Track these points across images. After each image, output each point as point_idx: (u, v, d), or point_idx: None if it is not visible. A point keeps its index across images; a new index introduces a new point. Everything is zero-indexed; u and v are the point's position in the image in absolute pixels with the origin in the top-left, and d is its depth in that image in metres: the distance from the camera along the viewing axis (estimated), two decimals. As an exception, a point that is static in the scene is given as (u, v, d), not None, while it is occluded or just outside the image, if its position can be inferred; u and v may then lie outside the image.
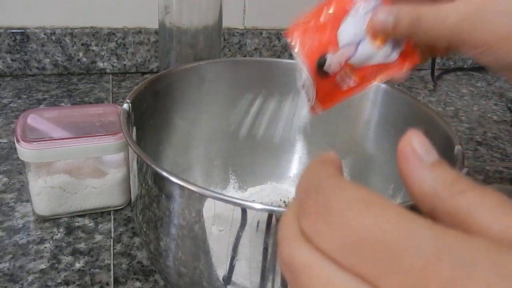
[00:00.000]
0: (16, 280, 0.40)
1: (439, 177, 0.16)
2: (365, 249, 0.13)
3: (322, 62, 0.30)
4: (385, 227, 0.13)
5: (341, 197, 0.15)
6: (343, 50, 0.30)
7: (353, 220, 0.14)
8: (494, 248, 0.13)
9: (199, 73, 0.46)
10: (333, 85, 0.31)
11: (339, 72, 0.31)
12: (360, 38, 0.30)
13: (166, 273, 0.34)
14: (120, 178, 0.49)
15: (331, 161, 0.17)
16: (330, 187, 0.15)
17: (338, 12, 0.30)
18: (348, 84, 0.31)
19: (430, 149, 0.17)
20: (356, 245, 0.14)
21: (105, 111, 0.50)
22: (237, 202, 0.27)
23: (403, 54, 0.30)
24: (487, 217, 0.14)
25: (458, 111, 0.82)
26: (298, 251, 0.15)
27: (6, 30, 0.76)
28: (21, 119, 0.47)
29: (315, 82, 0.31)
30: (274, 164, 0.52)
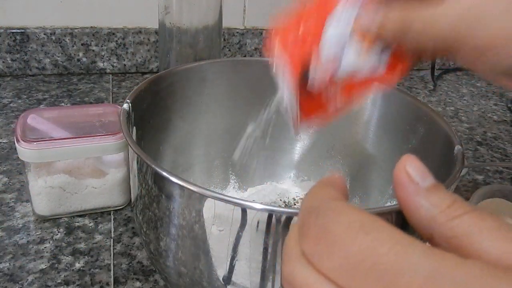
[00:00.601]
0: (16, 280, 0.40)
1: (435, 202, 0.16)
2: (362, 272, 0.14)
3: (306, 76, 0.28)
4: (381, 251, 0.14)
5: (340, 221, 0.15)
6: (327, 61, 0.27)
7: (351, 244, 0.14)
8: (489, 271, 0.13)
9: (199, 73, 0.46)
10: (318, 104, 0.29)
11: (325, 85, 0.28)
12: (345, 48, 0.27)
13: (166, 273, 0.34)
14: (120, 178, 0.49)
15: (335, 183, 0.18)
16: (330, 210, 0.16)
17: (321, 20, 0.27)
18: (335, 103, 0.29)
19: (426, 173, 0.17)
20: (354, 267, 0.14)
21: (105, 111, 0.50)
22: (237, 202, 0.27)
23: (390, 64, 0.28)
24: (484, 241, 0.15)
25: (458, 111, 0.82)
26: (299, 271, 0.16)
27: (6, 30, 0.76)
28: (21, 119, 0.47)
29: (298, 101, 0.29)
30: (274, 164, 0.52)
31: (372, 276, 0.14)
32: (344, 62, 0.27)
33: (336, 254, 0.14)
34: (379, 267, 0.14)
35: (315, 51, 0.27)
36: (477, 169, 0.63)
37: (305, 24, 0.28)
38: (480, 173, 0.62)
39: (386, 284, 0.13)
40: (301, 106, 0.29)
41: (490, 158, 0.67)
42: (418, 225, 0.17)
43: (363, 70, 0.28)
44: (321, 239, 0.15)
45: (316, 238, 0.15)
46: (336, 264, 0.14)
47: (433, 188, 0.16)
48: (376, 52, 0.27)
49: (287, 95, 0.29)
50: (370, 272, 0.14)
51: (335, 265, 0.14)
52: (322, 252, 0.15)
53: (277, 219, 0.27)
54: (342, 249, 0.14)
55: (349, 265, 0.14)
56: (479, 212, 0.16)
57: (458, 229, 0.15)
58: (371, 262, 0.14)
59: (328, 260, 0.15)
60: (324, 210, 0.16)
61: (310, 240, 0.16)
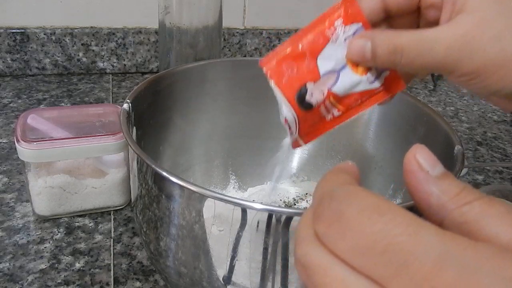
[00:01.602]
0: (16, 280, 0.40)
1: (445, 189, 0.16)
2: (375, 253, 0.14)
3: (303, 93, 0.28)
4: (394, 232, 0.14)
5: (353, 203, 0.15)
6: (324, 79, 0.28)
7: (364, 226, 0.14)
8: (499, 253, 0.13)
9: (199, 73, 0.46)
10: (317, 117, 0.29)
11: (323, 102, 0.28)
12: (341, 66, 0.27)
13: (166, 273, 0.34)
14: (120, 178, 0.49)
15: (348, 169, 0.18)
16: (344, 193, 0.16)
17: (318, 39, 0.27)
18: (333, 115, 0.29)
19: (435, 161, 0.17)
20: (367, 249, 0.14)
21: (105, 111, 0.50)
22: (237, 202, 0.27)
23: (388, 79, 0.28)
24: (494, 227, 0.15)
25: (458, 111, 0.82)
26: (313, 252, 0.16)
27: (6, 30, 0.76)
28: (21, 119, 0.47)
29: (298, 114, 0.29)
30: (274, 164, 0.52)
31: (385, 257, 0.14)
32: (341, 78, 0.28)
33: (350, 236, 0.15)
34: (393, 248, 0.14)
35: (313, 65, 0.28)
36: (477, 169, 0.63)
37: (305, 39, 0.28)
38: (480, 173, 0.62)
39: (399, 265, 0.14)
40: (299, 121, 0.29)
41: (490, 158, 0.67)
42: (428, 212, 0.17)
43: (360, 87, 0.28)
44: (335, 221, 0.15)
45: (330, 220, 0.15)
46: (350, 246, 0.15)
47: (442, 176, 0.17)
48: (373, 71, 0.28)
49: (286, 108, 0.29)
50: (383, 253, 0.14)
51: (349, 246, 0.15)
52: (336, 234, 0.15)
53: (277, 219, 0.27)
54: (357, 230, 0.15)
55: (363, 246, 0.14)
56: (489, 198, 0.16)
57: (468, 215, 0.15)
58: (385, 243, 0.14)
59: (342, 241, 0.15)
60: (338, 194, 0.16)
61: (324, 222, 0.16)
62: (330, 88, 0.28)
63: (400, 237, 0.14)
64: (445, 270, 0.13)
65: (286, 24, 0.88)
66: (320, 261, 0.15)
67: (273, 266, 0.28)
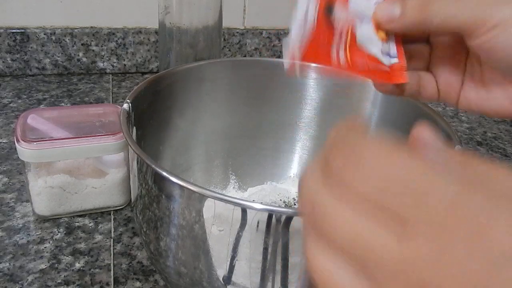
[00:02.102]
0: (16, 280, 0.40)
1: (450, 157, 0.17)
2: (396, 188, 0.14)
3: (331, 6, 0.28)
4: (415, 168, 0.14)
5: (370, 145, 0.16)
6: (351, 11, 0.28)
7: (384, 163, 0.15)
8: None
9: (199, 73, 0.46)
10: (325, 44, 0.29)
11: (340, 34, 0.28)
12: (367, 17, 0.27)
13: (166, 273, 0.34)
14: (120, 178, 0.49)
15: (357, 122, 0.18)
16: (359, 138, 0.16)
17: None
18: (338, 58, 0.29)
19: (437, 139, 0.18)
20: (388, 184, 0.14)
21: (105, 111, 0.50)
22: (237, 202, 0.27)
23: (394, 68, 0.28)
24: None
25: (458, 111, 0.82)
26: (323, 189, 0.16)
27: (6, 30, 0.76)
28: (21, 119, 0.47)
29: (316, 24, 0.28)
30: (274, 164, 0.52)
31: (406, 190, 0.14)
32: (363, 27, 0.28)
33: (369, 174, 0.15)
34: (413, 181, 0.14)
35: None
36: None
37: None
38: (480, 173, 0.62)
39: (419, 197, 0.14)
40: (314, 34, 0.29)
41: (490, 158, 0.67)
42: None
43: (374, 48, 0.28)
44: (351, 162, 0.15)
45: (345, 161, 0.15)
46: (370, 184, 0.15)
47: (446, 147, 0.17)
48: (386, 46, 0.28)
49: (299, 23, 0.29)
50: (404, 188, 0.14)
51: (369, 185, 0.15)
52: (352, 174, 0.15)
53: (277, 219, 0.27)
54: (375, 169, 0.15)
55: (384, 182, 0.14)
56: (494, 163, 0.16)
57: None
58: (405, 178, 0.14)
59: (361, 181, 0.15)
60: (352, 139, 0.16)
61: (338, 162, 0.16)
62: (353, 25, 0.28)
63: (421, 169, 0.14)
64: (469, 199, 0.13)
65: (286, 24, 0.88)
66: (330, 198, 0.15)
67: (273, 266, 0.29)
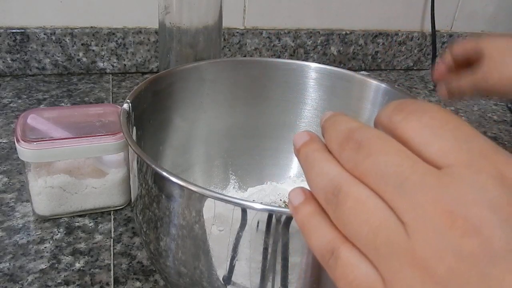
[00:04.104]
0: (16, 280, 0.40)
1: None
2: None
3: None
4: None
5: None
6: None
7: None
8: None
9: (199, 73, 0.46)
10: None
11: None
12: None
13: (166, 273, 0.34)
14: (120, 178, 0.49)
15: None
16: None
17: None
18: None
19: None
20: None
21: (105, 111, 0.50)
22: (237, 202, 0.27)
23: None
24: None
25: (458, 111, 0.82)
26: (372, 130, 0.19)
27: (6, 30, 0.76)
28: (21, 119, 0.47)
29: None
30: (274, 164, 0.52)
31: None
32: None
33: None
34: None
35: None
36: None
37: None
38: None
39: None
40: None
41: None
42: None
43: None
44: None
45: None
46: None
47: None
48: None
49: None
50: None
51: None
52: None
53: (277, 219, 0.27)
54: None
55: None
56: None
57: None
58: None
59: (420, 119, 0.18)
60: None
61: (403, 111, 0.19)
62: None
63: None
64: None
65: (286, 24, 0.88)
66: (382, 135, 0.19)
67: (273, 266, 0.28)
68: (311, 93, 0.48)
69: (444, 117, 0.18)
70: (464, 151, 0.16)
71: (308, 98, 0.49)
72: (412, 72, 0.99)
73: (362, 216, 0.17)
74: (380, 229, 0.17)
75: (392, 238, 0.16)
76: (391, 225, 0.17)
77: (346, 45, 0.93)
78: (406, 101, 0.19)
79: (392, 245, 0.16)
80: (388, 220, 0.17)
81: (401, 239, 0.16)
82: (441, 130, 0.17)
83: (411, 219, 0.16)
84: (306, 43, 0.90)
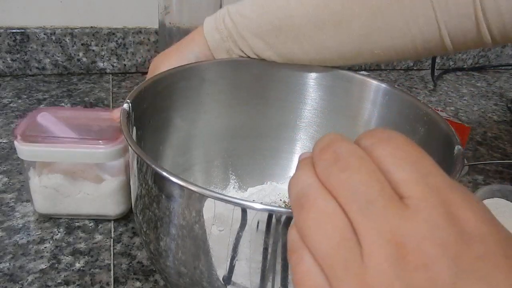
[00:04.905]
0: (16, 280, 0.40)
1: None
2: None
3: None
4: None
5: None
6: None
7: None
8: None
9: (199, 73, 0.46)
10: None
11: None
12: None
13: (166, 273, 0.34)
14: (116, 186, 0.47)
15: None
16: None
17: None
18: None
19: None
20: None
21: None
22: (237, 202, 0.27)
23: None
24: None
25: (458, 111, 0.82)
26: (353, 146, 0.19)
27: (6, 30, 0.76)
28: (26, 118, 0.46)
29: None
30: (274, 164, 0.52)
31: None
32: None
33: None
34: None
35: None
36: (477, 169, 0.63)
37: None
38: (480, 173, 0.62)
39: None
40: None
41: (490, 158, 0.67)
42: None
43: None
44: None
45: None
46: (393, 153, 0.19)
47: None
48: None
49: None
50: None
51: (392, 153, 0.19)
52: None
53: (277, 219, 0.27)
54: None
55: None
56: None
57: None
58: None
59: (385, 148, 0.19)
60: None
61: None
62: None
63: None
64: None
65: (286, 24, 0.88)
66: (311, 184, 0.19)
67: (273, 266, 0.28)
68: (311, 93, 0.48)
69: (408, 149, 0.18)
70: (422, 185, 0.17)
71: (308, 98, 0.49)
72: (412, 72, 0.99)
73: (323, 230, 0.18)
74: (339, 247, 0.17)
75: (348, 260, 0.17)
76: (350, 245, 0.17)
77: (346, 45, 0.93)
78: (377, 129, 0.20)
79: (347, 267, 0.17)
80: (348, 240, 0.17)
81: (356, 263, 0.17)
82: (403, 161, 0.18)
83: (368, 245, 0.16)
84: (306, 43, 0.90)
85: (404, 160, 0.18)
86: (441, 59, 1.00)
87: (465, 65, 1.03)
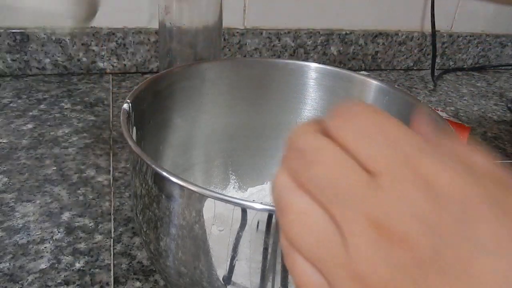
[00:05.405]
0: (16, 280, 0.40)
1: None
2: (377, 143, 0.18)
3: None
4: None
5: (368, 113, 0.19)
6: None
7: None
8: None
9: (199, 73, 0.46)
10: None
11: None
12: None
13: (166, 273, 0.34)
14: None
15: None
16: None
17: None
18: None
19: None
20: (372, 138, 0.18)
21: None
22: (237, 202, 0.27)
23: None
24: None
25: (458, 111, 0.82)
26: (315, 138, 0.19)
27: (6, 30, 0.76)
28: None
29: None
30: (274, 164, 0.52)
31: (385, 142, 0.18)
32: None
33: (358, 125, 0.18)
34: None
35: None
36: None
37: None
38: (480, 173, 0.62)
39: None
40: None
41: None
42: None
43: None
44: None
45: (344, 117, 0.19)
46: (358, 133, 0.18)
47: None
48: None
49: None
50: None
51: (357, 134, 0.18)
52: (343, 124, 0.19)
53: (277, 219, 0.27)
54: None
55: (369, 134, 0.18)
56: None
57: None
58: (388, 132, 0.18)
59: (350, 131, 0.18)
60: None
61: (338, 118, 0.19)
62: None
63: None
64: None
65: (286, 24, 0.88)
66: (321, 144, 0.18)
67: (273, 266, 0.29)
68: (311, 93, 0.48)
69: (372, 121, 0.18)
70: (389, 158, 0.17)
71: (308, 98, 0.49)
72: (412, 72, 0.99)
73: (304, 229, 0.18)
74: (323, 243, 0.17)
75: (333, 253, 0.17)
76: (332, 237, 0.17)
77: (346, 45, 0.93)
78: (341, 107, 0.19)
79: (333, 258, 0.17)
80: (329, 233, 0.17)
81: (341, 254, 0.17)
82: (368, 138, 0.17)
83: (348, 234, 0.17)
84: (306, 43, 0.90)
85: (370, 136, 0.17)
86: (441, 59, 1.00)
87: (465, 65, 1.03)
